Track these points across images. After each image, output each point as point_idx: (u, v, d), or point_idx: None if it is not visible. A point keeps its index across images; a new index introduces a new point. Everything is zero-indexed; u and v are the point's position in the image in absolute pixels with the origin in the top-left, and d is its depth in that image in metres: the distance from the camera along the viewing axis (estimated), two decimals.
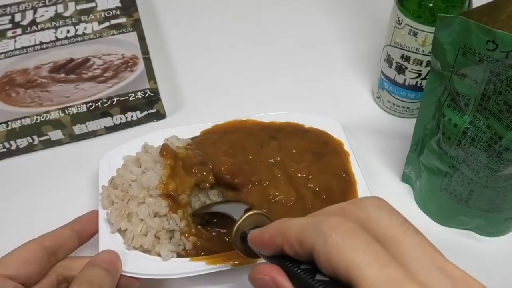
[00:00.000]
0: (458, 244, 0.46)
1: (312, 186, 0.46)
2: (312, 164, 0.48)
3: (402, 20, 0.48)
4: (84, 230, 0.42)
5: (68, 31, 0.64)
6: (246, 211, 0.36)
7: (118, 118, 0.56)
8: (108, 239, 0.42)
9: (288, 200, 0.45)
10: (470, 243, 0.46)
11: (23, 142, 0.54)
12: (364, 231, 0.23)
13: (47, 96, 0.56)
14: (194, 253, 0.42)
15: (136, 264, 0.40)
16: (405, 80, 0.52)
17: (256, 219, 0.35)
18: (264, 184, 0.46)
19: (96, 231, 0.43)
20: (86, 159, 0.53)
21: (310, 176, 0.47)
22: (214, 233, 0.44)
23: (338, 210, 0.27)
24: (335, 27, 0.69)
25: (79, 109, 0.54)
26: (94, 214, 0.44)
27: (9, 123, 0.53)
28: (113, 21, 0.65)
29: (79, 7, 0.68)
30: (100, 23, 0.65)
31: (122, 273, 0.40)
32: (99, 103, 0.55)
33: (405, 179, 0.50)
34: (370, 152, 0.53)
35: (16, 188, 0.52)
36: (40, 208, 0.50)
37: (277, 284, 0.27)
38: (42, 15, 0.66)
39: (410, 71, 0.51)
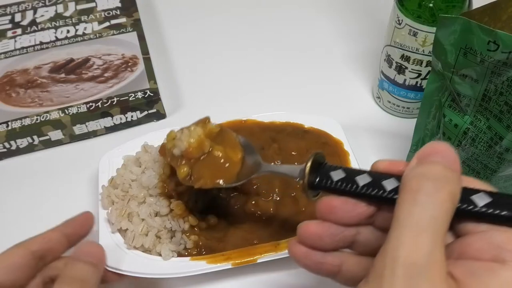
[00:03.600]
0: None
1: None
2: None
3: (402, 20, 0.48)
4: (74, 233, 0.40)
5: (68, 31, 0.64)
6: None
7: (118, 118, 0.55)
8: (108, 239, 0.42)
9: (278, 212, 0.45)
10: None
11: (23, 142, 0.54)
12: None
13: (47, 96, 0.56)
14: (195, 251, 0.42)
15: (137, 263, 0.41)
16: (405, 80, 0.53)
17: (318, 160, 0.33)
18: (263, 192, 0.46)
19: (86, 234, 0.40)
20: (86, 159, 0.53)
21: None
22: (212, 220, 0.44)
23: None
24: (335, 27, 0.69)
25: (79, 109, 0.54)
26: (86, 216, 0.41)
27: (9, 123, 0.53)
28: (113, 21, 0.65)
29: (79, 7, 0.67)
30: (100, 23, 0.65)
31: (121, 271, 0.40)
32: (99, 103, 0.55)
33: None
34: (370, 152, 0.53)
35: (16, 188, 0.52)
36: (40, 208, 0.50)
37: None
38: (42, 15, 0.66)
39: (410, 71, 0.51)
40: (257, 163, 0.40)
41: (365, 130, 0.56)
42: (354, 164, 0.48)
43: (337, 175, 0.30)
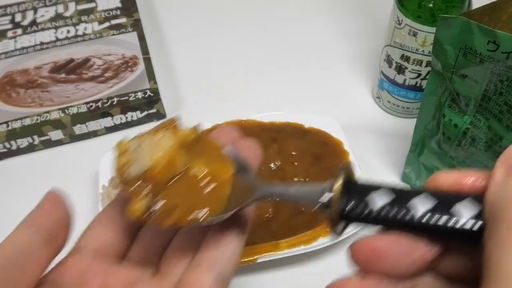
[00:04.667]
0: None
1: None
2: (311, 166, 0.48)
3: (402, 20, 0.48)
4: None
5: (68, 31, 0.64)
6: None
7: (119, 118, 0.56)
8: None
9: (277, 212, 0.45)
10: None
11: (23, 142, 0.54)
12: None
13: (48, 96, 0.56)
14: None
15: None
16: (405, 80, 0.53)
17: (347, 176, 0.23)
18: None
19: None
20: (86, 159, 0.53)
21: (307, 179, 0.47)
22: None
23: None
24: (335, 27, 0.69)
25: (79, 109, 0.54)
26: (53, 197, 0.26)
27: (10, 123, 0.53)
28: (113, 21, 0.65)
29: (79, 7, 0.67)
30: (100, 23, 0.65)
31: None
32: (99, 103, 0.55)
33: (405, 179, 0.50)
34: (370, 152, 0.53)
35: (16, 188, 0.52)
36: None
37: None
38: (43, 15, 0.66)
39: (410, 71, 0.51)
40: (251, 184, 0.27)
41: (365, 130, 0.56)
42: (354, 164, 0.48)
43: (380, 197, 0.21)
